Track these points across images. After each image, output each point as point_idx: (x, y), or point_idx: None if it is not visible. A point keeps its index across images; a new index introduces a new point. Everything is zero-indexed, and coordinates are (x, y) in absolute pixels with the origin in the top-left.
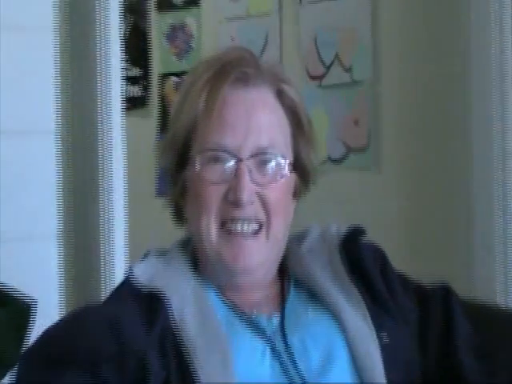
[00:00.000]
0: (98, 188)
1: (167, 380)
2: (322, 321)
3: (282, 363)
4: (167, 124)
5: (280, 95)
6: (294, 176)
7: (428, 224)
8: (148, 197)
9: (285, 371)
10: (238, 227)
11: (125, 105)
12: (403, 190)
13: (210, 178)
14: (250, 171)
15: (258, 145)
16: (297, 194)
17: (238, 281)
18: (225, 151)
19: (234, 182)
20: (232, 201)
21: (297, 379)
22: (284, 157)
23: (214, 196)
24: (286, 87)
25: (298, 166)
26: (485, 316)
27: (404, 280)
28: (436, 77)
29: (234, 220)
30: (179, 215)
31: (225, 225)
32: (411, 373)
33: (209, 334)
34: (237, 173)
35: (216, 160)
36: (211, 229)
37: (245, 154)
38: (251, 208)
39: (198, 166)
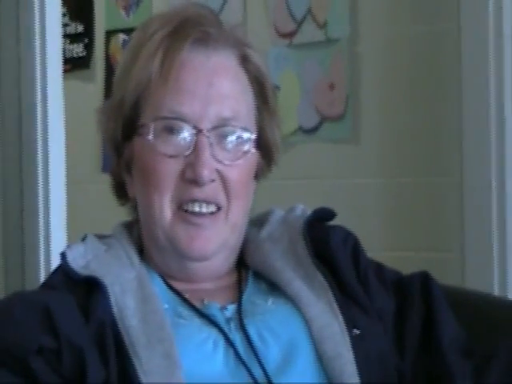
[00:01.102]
0: (33, 163)
1: (107, 378)
2: (283, 314)
3: (237, 356)
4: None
5: (244, 61)
6: (257, 154)
7: (412, 203)
8: (92, 172)
9: (241, 365)
10: (196, 208)
11: (64, 66)
12: (384, 164)
13: (165, 150)
14: (210, 145)
15: (220, 115)
16: (258, 175)
17: (191, 268)
18: (182, 120)
19: (192, 156)
20: (190, 178)
21: (256, 373)
22: (248, 130)
23: (169, 172)
24: (250, 52)
25: (261, 144)
26: (467, 304)
27: (378, 268)
28: (423, 35)
29: (191, 201)
30: (122, 193)
31: (180, 206)
32: (385, 368)
33: (151, 325)
34: (196, 146)
35: (171, 130)
36: (165, 210)
37: (205, 124)
38: (211, 188)
39: (151, 136)
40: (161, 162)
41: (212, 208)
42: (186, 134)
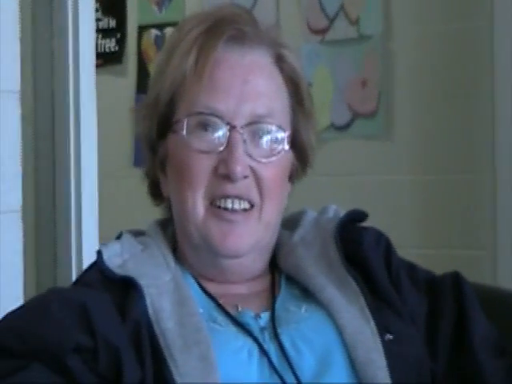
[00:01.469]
0: (66, 157)
1: (143, 379)
2: (317, 322)
3: (271, 366)
4: (145, 83)
5: (279, 60)
6: (291, 155)
7: (444, 200)
8: (124, 166)
9: (275, 375)
10: (229, 204)
11: (96, 61)
12: (416, 160)
13: (198, 146)
14: (244, 141)
15: (255, 112)
16: (293, 176)
17: (224, 265)
18: (216, 116)
19: (225, 152)
20: (223, 174)
21: (290, 382)
22: (282, 128)
23: (202, 168)
24: (285, 52)
25: (295, 145)
26: (499, 303)
27: (411, 270)
28: (456, 32)
29: (224, 197)
30: (157, 192)
31: (213, 202)
32: (420, 372)
33: (188, 328)
34: (229, 142)
35: (205, 126)
36: (198, 206)
37: (239, 121)
38: (244, 184)
39: (184, 132)
40: (194, 157)
41: (245, 205)
42: (220, 130)
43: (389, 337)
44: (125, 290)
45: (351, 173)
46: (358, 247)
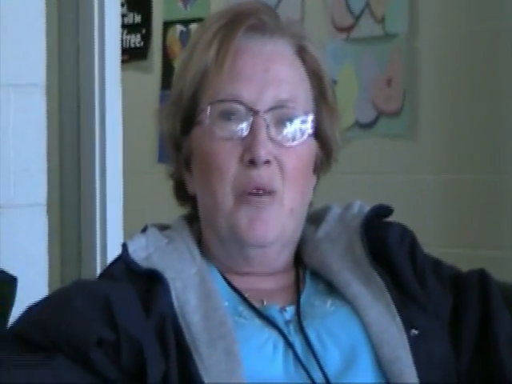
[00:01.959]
0: (91, 153)
1: (167, 372)
2: (343, 318)
3: (296, 359)
4: (170, 79)
5: (301, 52)
6: (315, 145)
7: (469, 199)
8: (149, 163)
9: (300, 368)
10: (254, 190)
11: (121, 56)
12: (440, 160)
13: (222, 134)
14: (267, 126)
15: (277, 97)
16: (317, 168)
17: (251, 255)
18: (239, 102)
19: (249, 138)
20: (248, 159)
21: (315, 377)
22: (306, 113)
23: (227, 155)
24: (308, 44)
25: (319, 136)
26: None
27: (436, 266)
28: (482, 31)
29: (250, 183)
30: (182, 193)
31: (241, 191)
32: (446, 371)
33: (213, 322)
34: (252, 128)
35: (229, 114)
36: (226, 196)
37: (262, 106)
38: (268, 171)
39: (207, 120)
40: (219, 145)
41: (261, 183)
42: (243, 117)
43: (414, 332)
44: (150, 282)
45: (375, 171)
46: (383, 243)
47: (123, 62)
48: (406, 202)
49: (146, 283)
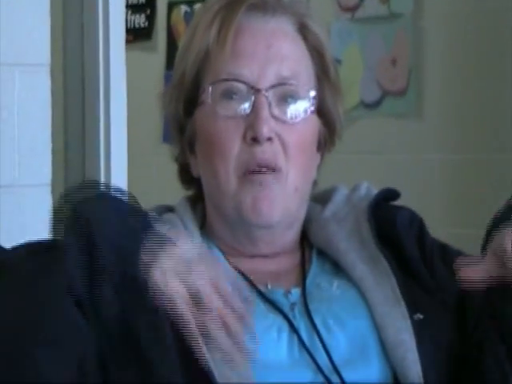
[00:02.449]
0: (95, 134)
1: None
2: (348, 301)
3: (301, 343)
4: (174, 59)
5: (303, 29)
6: (318, 122)
7: (475, 178)
8: (153, 143)
9: (305, 352)
10: (257, 167)
11: (126, 36)
12: (447, 139)
13: (225, 112)
14: (269, 104)
15: (279, 74)
16: (321, 146)
17: (257, 236)
18: (241, 81)
19: (251, 116)
20: (251, 137)
21: (320, 361)
22: (308, 90)
23: (230, 133)
24: (309, 22)
25: (322, 112)
26: None
27: (443, 250)
28: (487, 10)
29: (253, 160)
30: (186, 177)
31: (244, 170)
32: (451, 357)
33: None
34: (255, 105)
35: (231, 93)
36: (230, 176)
37: (264, 84)
38: (271, 148)
39: (210, 99)
40: (222, 124)
41: (265, 160)
42: (245, 95)
43: (419, 316)
44: None
45: (381, 151)
46: (392, 225)
47: (128, 42)
48: (412, 182)
49: None
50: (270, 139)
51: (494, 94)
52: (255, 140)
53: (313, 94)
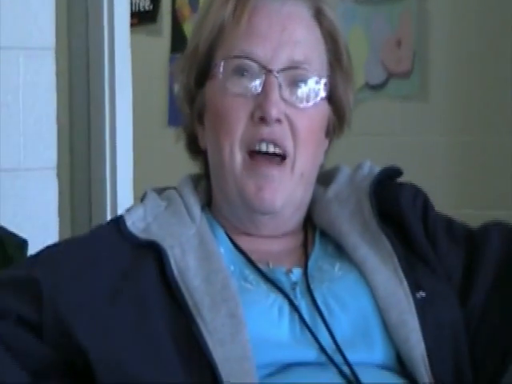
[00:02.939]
0: (100, 117)
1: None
2: (350, 282)
3: (302, 322)
4: (179, 42)
5: (318, 14)
6: (328, 109)
7: (480, 160)
8: (158, 126)
9: (306, 331)
10: (263, 147)
11: (131, 20)
12: (452, 121)
13: (235, 89)
14: (280, 86)
15: (292, 58)
16: (330, 132)
17: (260, 221)
18: (253, 60)
19: (261, 96)
20: (259, 117)
21: (322, 340)
22: (320, 76)
23: (238, 111)
24: (325, 7)
25: (333, 99)
26: None
27: (449, 224)
28: None
29: (259, 140)
30: (194, 147)
31: (249, 150)
32: (455, 336)
33: (215, 285)
34: (265, 86)
35: (242, 70)
36: (235, 154)
37: (275, 65)
38: (279, 129)
39: (221, 75)
40: (231, 101)
41: (279, 150)
42: (256, 75)
43: (421, 294)
44: (148, 250)
45: (386, 133)
46: (395, 203)
47: (132, 25)
48: (417, 164)
49: (142, 250)
50: (278, 121)
51: (499, 75)
52: (263, 120)
53: (324, 80)
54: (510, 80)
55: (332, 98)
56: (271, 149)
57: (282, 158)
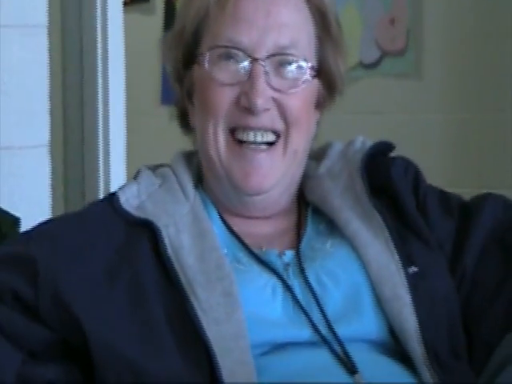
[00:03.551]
0: (94, 95)
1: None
2: (342, 257)
3: (295, 302)
4: (172, 22)
5: None
6: (317, 83)
7: (475, 138)
8: (152, 104)
9: (300, 311)
10: (251, 137)
11: None
12: (447, 98)
13: (220, 78)
14: (266, 73)
15: (278, 43)
16: (320, 104)
17: (249, 200)
18: (238, 49)
19: (247, 84)
20: (245, 106)
21: (315, 319)
22: (306, 59)
23: (223, 99)
24: None
25: (322, 73)
26: None
27: (441, 195)
28: None
29: (246, 129)
30: (186, 122)
31: (235, 134)
32: (448, 308)
33: (209, 264)
34: (251, 74)
35: (228, 58)
36: (219, 137)
37: (261, 52)
38: (267, 116)
39: (207, 64)
40: (216, 89)
41: (268, 137)
42: (242, 63)
43: (414, 269)
44: (141, 228)
45: (380, 111)
46: (387, 177)
47: (125, 4)
48: (411, 142)
49: (136, 228)
50: (266, 109)
51: (494, 52)
52: (249, 110)
53: (311, 64)
54: (505, 57)
55: (322, 71)
56: (259, 138)
57: (272, 143)
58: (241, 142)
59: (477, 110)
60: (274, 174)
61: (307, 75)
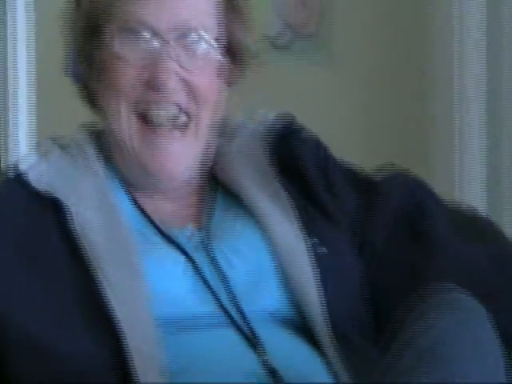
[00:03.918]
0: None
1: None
2: (250, 237)
3: (204, 282)
4: None
5: None
6: (226, 61)
7: (388, 121)
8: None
9: (207, 290)
10: (155, 112)
11: None
12: (361, 82)
13: (127, 57)
14: (175, 54)
15: (184, 23)
16: (230, 80)
17: (159, 185)
18: (146, 28)
19: (155, 66)
20: (152, 86)
21: (222, 297)
22: (214, 37)
23: (130, 79)
24: None
25: (230, 48)
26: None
27: (350, 174)
28: None
29: (150, 103)
30: (92, 100)
31: (141, 114)
32: (356, 285)
33: (116, 240)
34: (159, 56)
35: (135, 38)
36: (130, 121)
37: (169, 33)
38: (177, 95)
39: (115, 44)
40: (123, 69)
41: (174, 110)
42: (150, 43)
43: (323, 250)
44: (46, 205)
45: (292, 94)
46: (297, 157)
47: None
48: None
49: (42, 206)
50: (175, 89)
51: (407, 35)
52: (159, 91)
53: (217, 43)
54: (417, 39)
55: (229, 45)
56: (163, 112)
57: (183, 126)
58: (153, 127)
59: (389, 93)
60: (186, 160)
61: (214, 52)
